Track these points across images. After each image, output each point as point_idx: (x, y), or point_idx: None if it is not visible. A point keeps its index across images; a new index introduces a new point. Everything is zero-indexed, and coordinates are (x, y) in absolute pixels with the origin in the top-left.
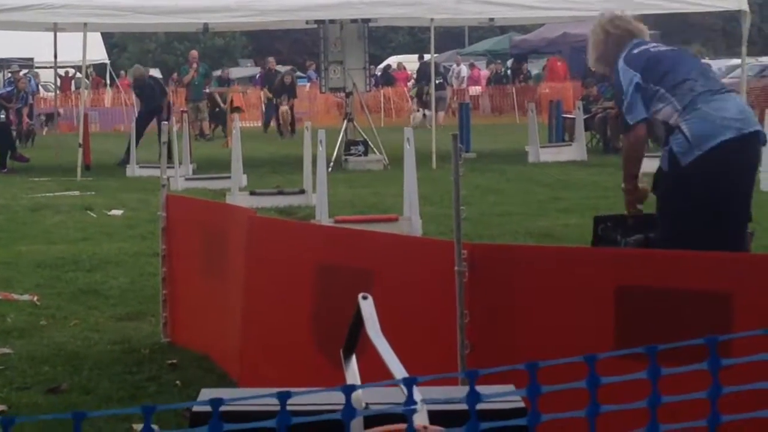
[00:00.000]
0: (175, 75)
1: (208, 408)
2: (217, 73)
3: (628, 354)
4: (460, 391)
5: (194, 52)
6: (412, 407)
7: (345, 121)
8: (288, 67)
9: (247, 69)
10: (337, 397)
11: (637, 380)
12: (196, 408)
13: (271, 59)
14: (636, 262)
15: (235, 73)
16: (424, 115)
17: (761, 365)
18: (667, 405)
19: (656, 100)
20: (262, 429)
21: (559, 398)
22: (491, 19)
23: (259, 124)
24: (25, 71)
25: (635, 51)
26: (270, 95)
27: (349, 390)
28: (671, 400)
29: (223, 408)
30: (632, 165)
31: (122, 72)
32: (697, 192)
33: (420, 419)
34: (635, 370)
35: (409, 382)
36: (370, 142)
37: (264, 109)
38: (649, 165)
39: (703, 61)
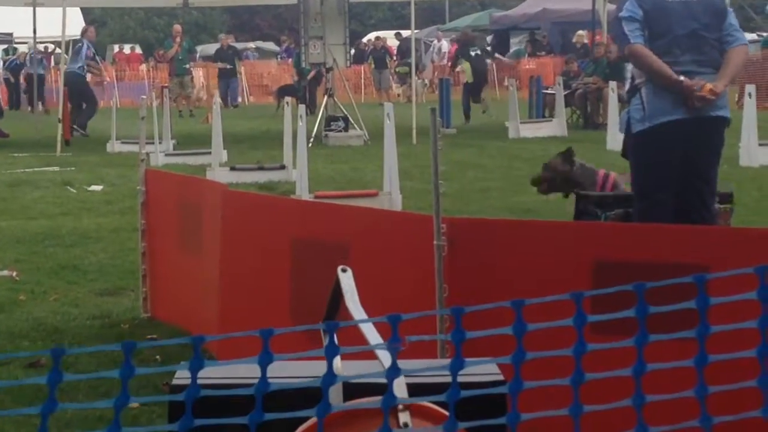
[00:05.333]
0: (161, 51)
1: (187, 381)
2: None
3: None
4: (440, 363)
5: (178, 27)
6: (396, 344)
7: (325, 97)
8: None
9: None
10: (316, 370)
11: (624, 318)
12: (175, 381)
13: (223, 36)
14: (613, 236)
15: (214, 49)
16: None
17: (746, 305)
18: (654, 344)
19: None
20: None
21: (542, 344)
22: None
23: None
24: None
25: None
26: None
27: (330, 354)
28: (659, 339)
29: (201, 380)
30: (660, 68)
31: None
32: (640, 161)
33: (398, 389)
34: (616, 332)
35: (393, 319)
36: (350, 118)
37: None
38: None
39: (728, 19)
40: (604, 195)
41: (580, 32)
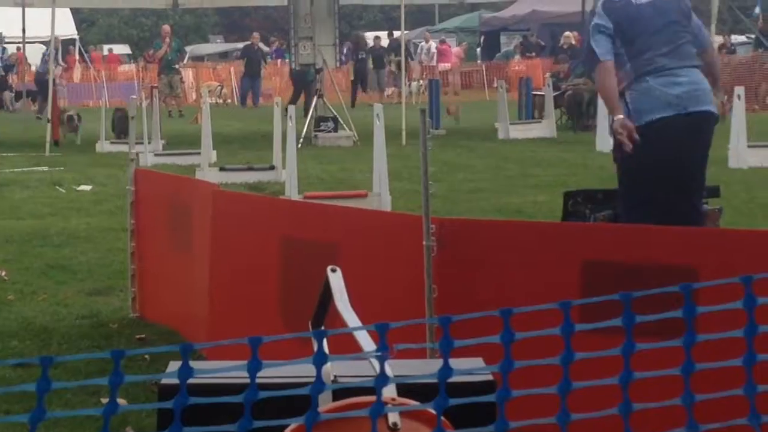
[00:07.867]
0: (151, 51)
1: (176, 381)
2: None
3: (597, 316)
4: (429, 363)
5: (167, 27)
6: (382, 354)
7: (315, 98)
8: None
9: (217, 45)
10: (305, 369)
11: (610, 327)
12: (164, 380)
13: (255, 35)
14: (602, 237)
15: (205, 49)
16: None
17: (730, 315)
18: (640, 352)
19: (616, 60)
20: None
21: (531, 349)
22: None
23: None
24: None
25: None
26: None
27: (319, 362)
28: (646, 348)
29: (191, 381)
30: (614, 95)
31: (91, 47)
32: (628, 162)
33: (388, 390)
34: (603, 341)
35: (381, 328)
36: (339, 119)
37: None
38: None
39: (694, 19)
40: (593, 194)
41: (567, 33)
